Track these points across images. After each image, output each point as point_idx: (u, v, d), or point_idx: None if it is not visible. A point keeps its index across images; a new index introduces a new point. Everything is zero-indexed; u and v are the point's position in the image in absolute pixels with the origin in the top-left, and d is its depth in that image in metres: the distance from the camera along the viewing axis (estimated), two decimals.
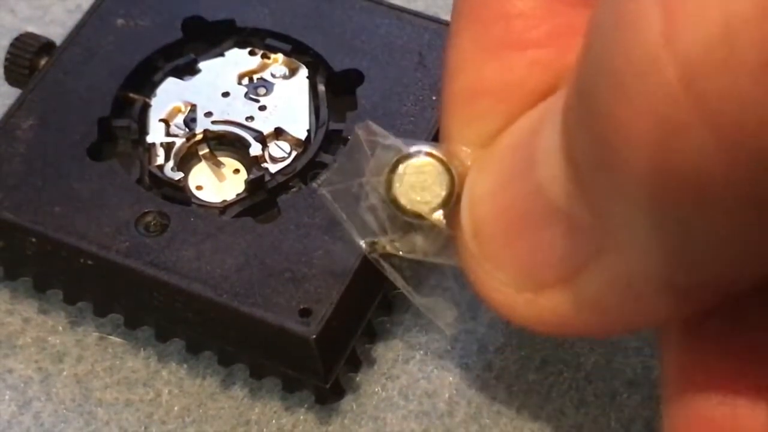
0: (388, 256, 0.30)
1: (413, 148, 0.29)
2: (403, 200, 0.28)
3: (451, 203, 0.28)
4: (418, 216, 0.28)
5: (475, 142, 0.28)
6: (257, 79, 0.37)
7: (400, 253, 0.30)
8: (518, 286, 0.26)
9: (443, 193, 0.28)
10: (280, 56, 0.38)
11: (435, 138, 0.35)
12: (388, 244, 0.29)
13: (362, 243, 0.30)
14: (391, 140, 0.29)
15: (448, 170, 0.28)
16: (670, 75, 0.20)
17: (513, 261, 0.26)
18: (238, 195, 0.35)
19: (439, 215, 0.28)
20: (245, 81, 0.37)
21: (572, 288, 0.25)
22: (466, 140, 0.28)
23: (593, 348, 0.34)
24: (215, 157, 0.36)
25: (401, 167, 0.29)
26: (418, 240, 0.29)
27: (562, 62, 0.26)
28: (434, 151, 0.29)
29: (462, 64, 0.28)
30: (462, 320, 0.31)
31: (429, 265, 0.30)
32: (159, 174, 0.36)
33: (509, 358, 0.34)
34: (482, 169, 0.27)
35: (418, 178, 0.28)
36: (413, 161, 0.29)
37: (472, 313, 0.35)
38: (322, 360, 0.32)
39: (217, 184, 0.36)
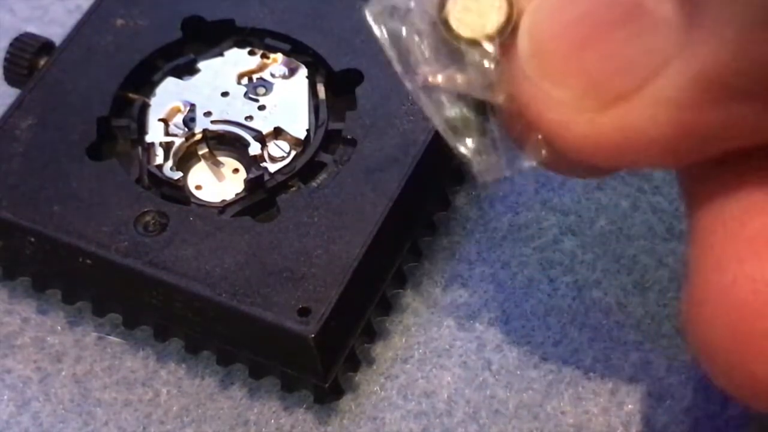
0: (429, 89, 0.27)
1: None
2: (455, 23, 0.26)
3: (507, 32, 0.26)
4: (471, 42, 0.26)
5: None
6: (257, 78, 0.37)
7: (443, 84, 0.27)
8: (581, 104, 0.25)
9: (501, 19, 0.26)
10: (279, 56, 0.38)
11: (434, 138, 0.35)
12: (431, 74, 0.27)
13: (402, 72, 0.27)
14: None
15: None
16: None
17: (579, 75, 0.25)
18: (237, 194, 0.35)
19: (493, 42, 0.26)
20: (245, 81, 0.37)
21: (647, 95, 0.24)
22: None
23: (592, 344, 0.34)
24: (214, 156, 0.36)
25: None
26: (465, 72, 0.27)
27: None
28: None
29: None
30: (498, 169, 0.28)
31: (472, 104, 0.27)
32: (158, 173, 0.36)
33: (508, 357, 0.34)
34: None
35: (475, 1, 0.26)
36: None
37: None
38: (321, 359, 0.32)
39: (217, 183, 0.36)
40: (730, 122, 0.24)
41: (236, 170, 0.36)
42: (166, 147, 0.36)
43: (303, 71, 0.37)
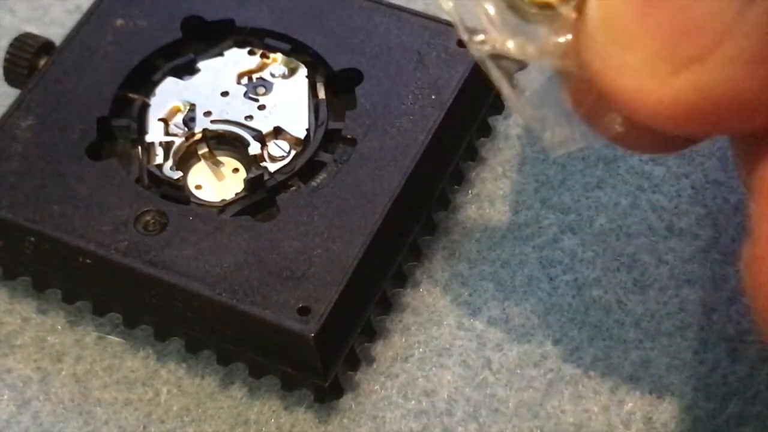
0: (496, 57, 0.26)
1: None
2: None
3: None
4: (543, 5, 0.25)
5: None
6: (256, 78, 0.37)
7: (512, 52, 0.26)
8: (654, 68, 0.24)
9: None
10: (279, 56, 0.38)
11: (434, 137, 0.35)
12: (499, 41, 0.26)
13: (470, 41, 0.26)
14: None
15: None
16: None
17: (650, 38, 0.24)
18: (237, 194, 0.35)
19: (566, 5, 0.25)
20: (244, 80, 0.37)
21: (721, 53, 0.23)
22: None
23: (592, 343, 0.34)
24: (214, 156, 0.36)
25: None
26: (536, 39, 0.26)
27: None
28: None
29: None
30: (571, 141, 0.27)
31: (541, 70, 0.27)
32: (158, 173, 0.36)
33: (507, 355, 0.34)
34: None
35: None
36: None
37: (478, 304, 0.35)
38: (321, 358, 0.32)
39: (216, 183, 0.36)
40: None
41: (236, 170, 0.36)
42: (166, 147, 0.36)
43: (303, 71, 0.37)
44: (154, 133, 0.36)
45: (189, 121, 0.37)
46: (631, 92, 0.25)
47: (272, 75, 0.37)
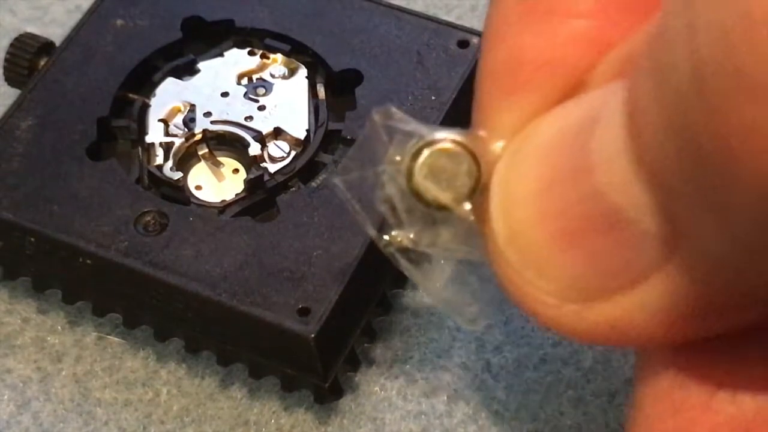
0: (405, 251, 0.28)
1: (436, 135, 0.26)
2: (424, 190, 0.26)
3: (477, 193, 0.26)
4: (441, 207, 0.26)
5: (508, 125, 0.25)
6: (256, 79, 0.37)
7: (419, 247, 0.27)
8: (564, 297, 0.24)
9: (469, 183, 0.26)
10: (279, 56, 0.38)
11: None
12: (405, 238, 0.27)
13: (377, 237, 0.27)
14: (412, 126, 0.27)
15: (475, 158, 0.26)
16: None
17: (560, 271, 0.24)
18: (237, 195, 0.35)
19: (464, 206, 0.26)
20: (244, 81, 0.37)
21: (627, 299, 0.23)
22: (500, 120, 0.26)
23: (591, 346, 0.34)
24: (214, 156, 0.36)
25: (423, 154, 0.26)
26: (439, 233, 0.27)
27: (606, 38, 0.24)
28: (459, 138, 0.26)
29: (501, 29, 0.26)
30: (485, 316, 0.28)
31: (449, 260, 0.28)
32: (158, 174, 0.36)
33: (507, 357, 0.34)
34: (519, 163, 0.25)
35: (442, 167, 0.26)
36: (436, 148, 0.26)
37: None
38: (321, 359, 0.32)
39: (216, 183, 0.36)
40: (703, 325, 0.23)
41: (236, 170, 0.36)
42: (166, 147, 0.36)
43: (303, 71, 0.37)
44: (154, 134, 0.36)
45: (189, 121, 0.37)
46: (543, 316, 0.25)
47: (272, 75, 0.37)
